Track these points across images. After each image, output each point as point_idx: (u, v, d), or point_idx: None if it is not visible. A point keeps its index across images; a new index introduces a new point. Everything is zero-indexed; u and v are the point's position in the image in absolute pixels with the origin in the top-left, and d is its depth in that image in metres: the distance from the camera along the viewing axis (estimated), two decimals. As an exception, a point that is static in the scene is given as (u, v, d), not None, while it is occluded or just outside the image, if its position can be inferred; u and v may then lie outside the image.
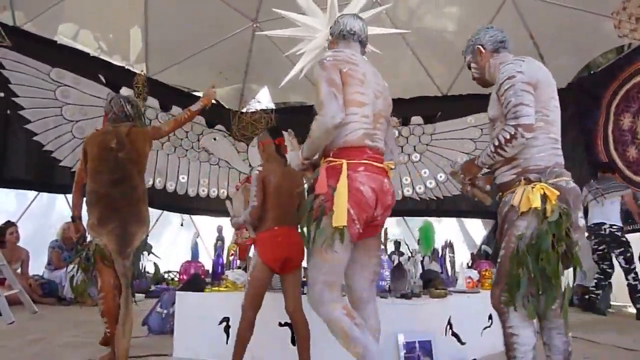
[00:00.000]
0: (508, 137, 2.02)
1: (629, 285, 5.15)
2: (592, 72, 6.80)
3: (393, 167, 2.20)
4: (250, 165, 7.85)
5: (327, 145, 2.09)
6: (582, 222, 2.10)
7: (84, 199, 3.14)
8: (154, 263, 3.26)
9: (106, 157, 3.05)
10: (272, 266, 2.75)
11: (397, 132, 7.59)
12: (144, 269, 3.25)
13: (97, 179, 3.03)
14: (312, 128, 2.04)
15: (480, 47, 2.36)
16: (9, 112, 5.57)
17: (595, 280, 5.43)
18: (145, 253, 3.27)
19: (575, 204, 2.06)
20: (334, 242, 1.95)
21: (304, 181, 2.55)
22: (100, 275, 3.08)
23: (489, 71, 2.32)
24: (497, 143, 2.06)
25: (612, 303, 5.72)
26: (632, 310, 5.21)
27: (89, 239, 3.18)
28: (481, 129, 7.29)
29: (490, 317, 3.52)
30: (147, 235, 3.21)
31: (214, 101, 8.55)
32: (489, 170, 2.28)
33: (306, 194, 2.24)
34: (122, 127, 3.15)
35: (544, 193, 1.99)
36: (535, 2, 6.05)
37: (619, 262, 5.24)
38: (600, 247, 5.37)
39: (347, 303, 2.04)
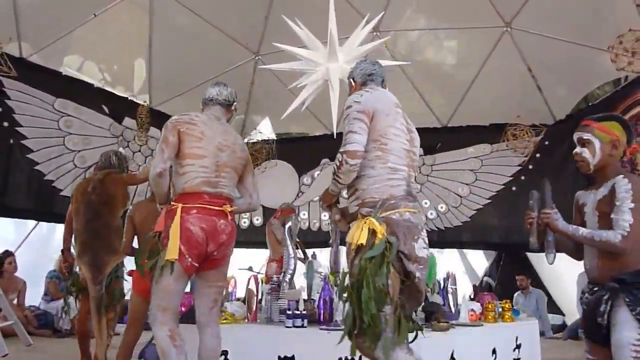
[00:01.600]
0: (337, 164, 2.08)
1: None
2: (589, 104, 6.87)
3: (230, 209, 2.49)
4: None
5: (174, 192, 2.51)
6: (423, 252, 2.08)
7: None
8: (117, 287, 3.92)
9: (83, 200, 3.66)
10: (146, 297, 2.68)
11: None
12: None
13: (77, 219, 3.66)
14: None
15: (351, 80, 2.43)
16: (12, 141, 5.60)
17: None
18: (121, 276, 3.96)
19: (408, 235, 2.04)
20: (165, 273, 2.32)
21: None
22: (81, 302, 3.85)
23: None
24: (334, 170, 2.13)
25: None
26: None
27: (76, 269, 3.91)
28: (481, 160, 7.31)
29: (494, 352, 3.45)
30: (121, 262, 3.87)
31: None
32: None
33: None
34: (99, 175, 3.78)
35: (373, 228, 2.00)
36: (532, 35, 6.17)
37: None
38: None
39: (174, 327, 2.37)
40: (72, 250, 3.90)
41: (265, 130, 8.39)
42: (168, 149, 2.43)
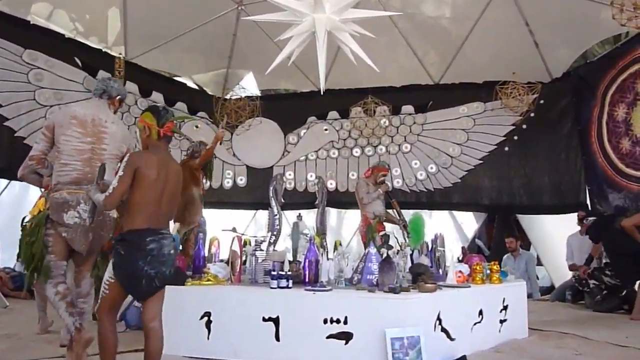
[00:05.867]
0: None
1: None
2: (588, 61, 6.65)
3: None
4: (234, 155, 7.63)
5: None
6: (71, 220, 2.97)
7: None
8: None
9: None
10: None
11: (387, 121, 7.40)
12: None
13: None
14: None
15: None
16: (-22, 96, 5.27)
17: None
18: None
19: (57, 209, 2.95)
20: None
21: None
22: None
23: None
24: None
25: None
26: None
27: None
28: (474, 119, 7.12)
29: (480, 313, 3.43)
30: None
31: (196, 87, 8.31)
32: None
33: None
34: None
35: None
36: (531, -13, 5.87)
37: None
38: None
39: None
40: None
41: (249, 86, 8.04)
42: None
